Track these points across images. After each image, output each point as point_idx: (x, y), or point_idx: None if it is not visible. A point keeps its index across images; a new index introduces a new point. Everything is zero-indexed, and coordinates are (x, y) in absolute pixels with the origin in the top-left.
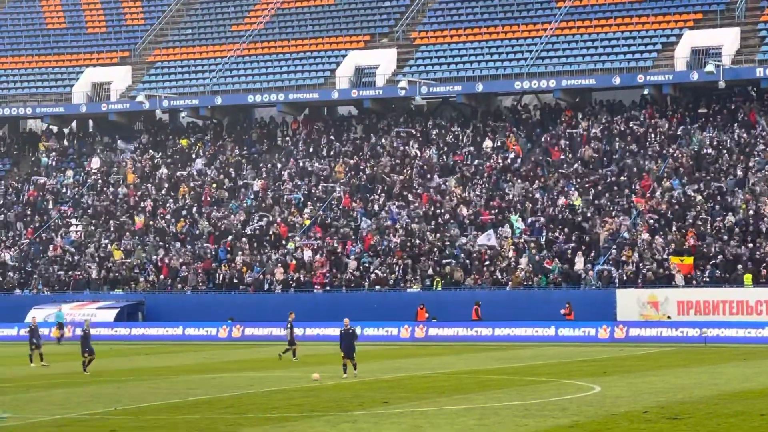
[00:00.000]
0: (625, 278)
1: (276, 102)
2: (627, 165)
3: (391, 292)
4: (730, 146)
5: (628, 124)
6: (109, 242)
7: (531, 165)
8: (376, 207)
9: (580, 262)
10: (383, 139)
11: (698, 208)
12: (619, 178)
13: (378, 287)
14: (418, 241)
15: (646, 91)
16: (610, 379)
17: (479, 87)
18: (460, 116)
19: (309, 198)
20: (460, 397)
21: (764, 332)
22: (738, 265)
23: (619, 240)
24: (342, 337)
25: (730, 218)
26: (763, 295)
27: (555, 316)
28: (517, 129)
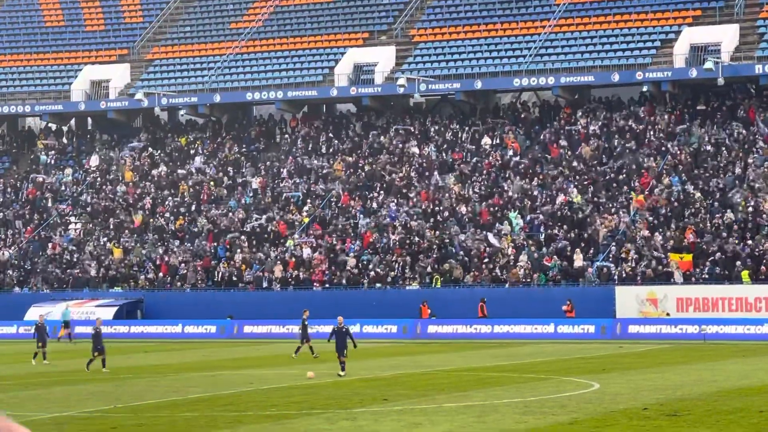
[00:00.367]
0: (624, 275)
1: (275, 99)
2: (626, 162)
3: (390, 290)
4: (729, 143)
5: (627, 121)
6: (108, 240)
7: (530, 162)
8: (375, 204)
9: (579, 259)
10: (382, 137)
11: (697, 205)
12: (618, 175)
13: (377, 285)
14: (417, 239)
15: (645, 88)
16: (609, 376)
17: (478, 84)
18: (458, 113)
19: (308, 196)
20: (460, 394)
21: (763, 329)
22: (737, 262)
23: (618, 237)
24: (336, 334)
25: (729, 215)
26: (762, 292)
27: (554, 313)
28: (516, 126)
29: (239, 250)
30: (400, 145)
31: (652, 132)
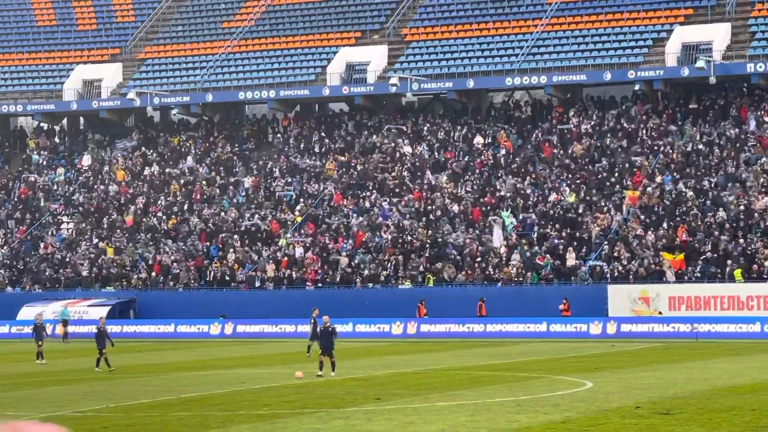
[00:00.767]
0: (616, 274)
1: (267, 99)
2: (618, 161)
3: (383, 289)
4: (721, 142)
5: (619, 119)
6: (101, 240)
7: (522, 161)
8: (367, 204)
9: (571, 258)
10: (374, 136)
11: (689, 203)
12: (610, 174)
13: (370, 284)
14: (409, 238)
15: (637, 87)
16: (601, 374)
17: (470, 83)
18: (451, 112)
19: (300, 195)
20: (452, 393)
21: (755, 327)
22: (729, 261)
23: (611, 236)
24: (321, 334)
25: (721, 214)
26: (754, 291)
27: (547, 311)
28: (509, 125)
29: (232, 250)
30: (393, 145)
31: (644, 131)
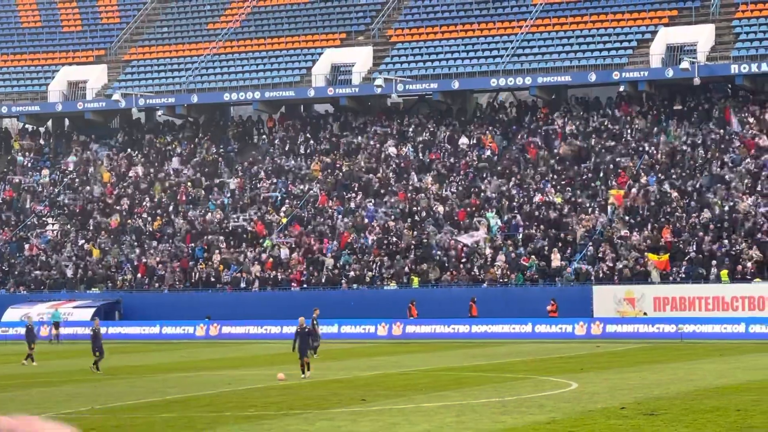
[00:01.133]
0: (601, 275)
1: (252, 100)
2: (603, 162)
3: (368, 290)
4: (706, 143)
5: (604, 120)
6: (86, 241)
7: (507, 162)
8: (352, 205)
9: (556, 259)
10: (359, 137)
11: (674, 204)
12: (595, 174)
13: (355, 285)
14: (394, 239)
15: (622, 88)
16: (586, 375)
17: (455, 84)
18: (436, 114)
19: (286, 196)
20: (438, 394)
21: (740, 328)
22: (713, 261)
23: (596, 237)
24: (298, 336)
25: (705, 214)
26: (739, 291)
27: (532, 312)
28: (493, 126)
29: (217, 251)
30: (378, 146)
31: (628, 132)
